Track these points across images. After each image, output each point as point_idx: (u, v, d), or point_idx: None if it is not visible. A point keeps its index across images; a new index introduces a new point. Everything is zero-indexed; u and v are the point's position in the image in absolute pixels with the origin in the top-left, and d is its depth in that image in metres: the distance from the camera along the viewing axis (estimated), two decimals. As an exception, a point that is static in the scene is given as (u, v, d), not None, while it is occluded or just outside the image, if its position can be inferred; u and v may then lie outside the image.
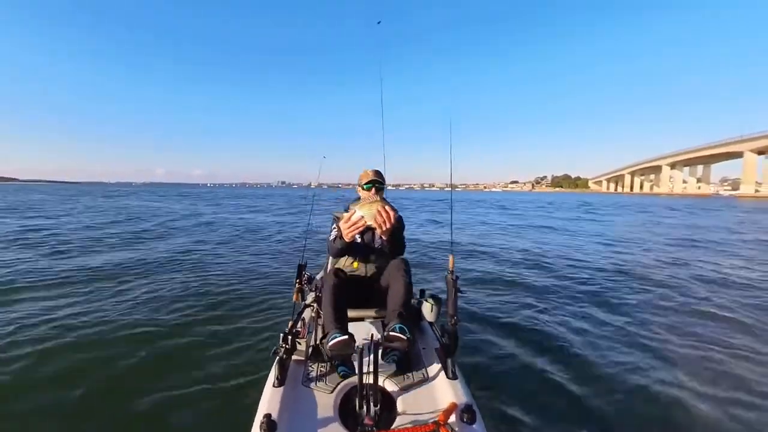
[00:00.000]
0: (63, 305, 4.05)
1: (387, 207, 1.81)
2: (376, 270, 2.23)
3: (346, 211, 2.07)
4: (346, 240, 1.95)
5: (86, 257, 6.80)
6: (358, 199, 2.19)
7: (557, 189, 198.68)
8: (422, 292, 2.34)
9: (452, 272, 1.96)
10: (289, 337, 1.76)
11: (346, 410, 1.57)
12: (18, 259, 6.46)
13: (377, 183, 2.28)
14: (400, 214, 1.95)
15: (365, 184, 2.29)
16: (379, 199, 1.93)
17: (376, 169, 2.36)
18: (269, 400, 1.53)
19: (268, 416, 1.36)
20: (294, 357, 1.80)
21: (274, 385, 1.61)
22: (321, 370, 1.76)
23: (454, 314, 1.84)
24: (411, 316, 2.00)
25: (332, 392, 1.62)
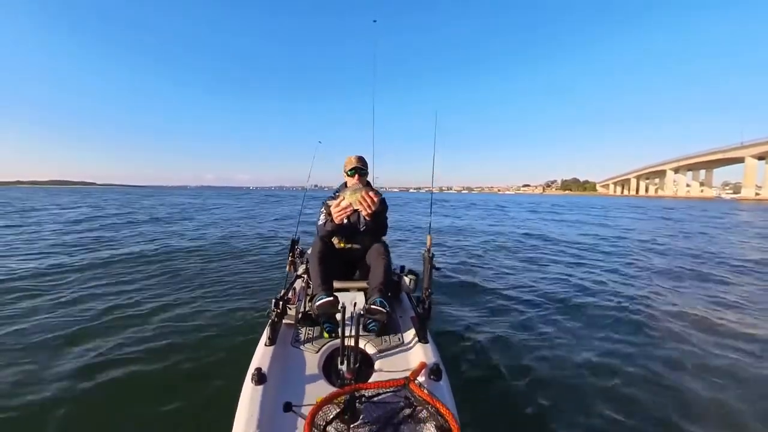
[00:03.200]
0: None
1: (371, 193, 2.01)
2: (360, 247, 2.45)
3: (335, 197, 2.31)
4: (336, 223, 2.16)
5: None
6: (345, 184, 2.40)
7: (566, 192, 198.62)
8: (402, 267, 2.57)
9: (429, 250, 2.19)
10: (281, 302, 1.97)
11: (329, 367, 1.77)
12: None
13: (359, 169, 2.47)
14: (384, 196, 2.15)
15: (349, 170, 2.48)
16: (362, 185, 2.13)
17: (360, 155, 2.55)
18: (261, 356, 1.73)
19: (258, 369, 1.55)
20: (285, 321, 2.00)
21: (266, 344, 1.81)
22: (309, 334, 1.97)
23: (428, 287, 2.06)
24: (391, 289, 2.22)
25: (318, 352, 1.83)
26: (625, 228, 13.14)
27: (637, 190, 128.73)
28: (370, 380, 1.65)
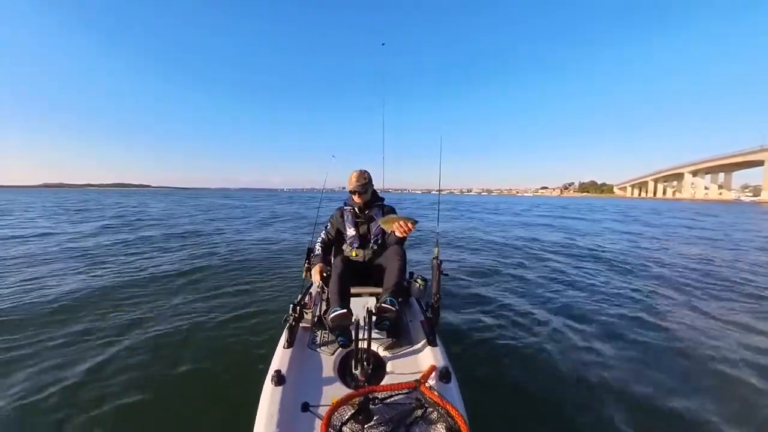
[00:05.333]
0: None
1: (402, 222, 2.19)
2: (372, 255, 2.56)
3: (345, 205, 2.63)
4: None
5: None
6: (352, 198, 2.61)
7: (584, 194, 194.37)
8: (411, 273, 2.67)
9: (437, 257, 2.28)
10: (298, 307, 2.07)
11: (344, 369, 1.85)
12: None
13: (358, 192, 2.55)
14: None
15: (349, 190, 2.59)
16: (395, 216, 2.32)
17: (362, 170, 2.63)
18: (280, 358, 1.82)
19: (278, 371, 1.65)
20: (302, 324, 2.10)
21: (284, 347, 1.91)
22: (324, 337, 2.06)
23: (437, 292, 2.15)
24: (401, 292, 2.31)
25: (333, 354, 1.92)
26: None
27: (655, 193, 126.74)
28: (383, 383, 1.72)
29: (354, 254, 2.59)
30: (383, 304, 2.03)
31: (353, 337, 1.82)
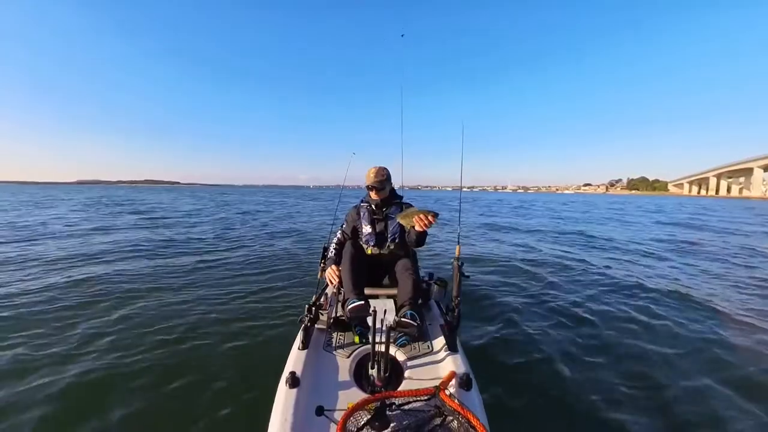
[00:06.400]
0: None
1: (422, 215, 2.08)
2: (389, 254, 2.48)
3: (362, 202, 2.60)
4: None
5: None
6: (368, 194, 2.57)
7: (633, 192, 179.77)
8: (431, 275, 2.57)
9: (458, 259, 2.17)
10: (314, 308, 2.04)
11: (360, 373, 1.80)
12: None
13: (375, 188, 2.52)
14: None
15: (366, 186, 2.56)
16: (414, 209, 2.20)
17: (381, 166, 2.58)
18: (295, 360, 1.80)
19: (293, 373, 1.62)
20: (317, 326, 2.07)
21: (299, 348, 1.88)
22: (340, 339, 2.02)
23: (458, 295, 2.05)
24: (420, 297, 2.23)
25: (349, 357, 1.87)
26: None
27: (717, 190, 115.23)
28: (401, 388, 1.66)
29: (370, 252, 2.53)
30: (403, 318, 1.97)
31: (371, 334, 1.76)
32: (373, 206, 2.57)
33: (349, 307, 1.95)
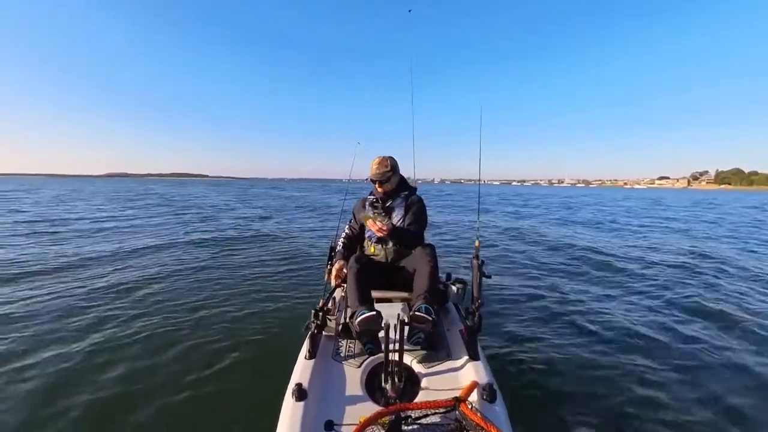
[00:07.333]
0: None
1: (378, 223, 2.10)
2: (395, 254, 2.34)
3: (370, 195, 2.51)
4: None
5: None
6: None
7: (722, 186, 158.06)
8: (449, 275, 2.43)
9: (477, 256, 2.03)
10: (320, 314, 1.90)
11: (372, 384, 1.66)
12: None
13: (378, 180, 2.41)
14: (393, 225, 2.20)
15: (371, 179, 2.44)
16: (371, 215, 2.20)
17: (386, 156, 2.45)
18: (301, 370, 1.66)
19: (299, 385, 1.49)
20: (325, 333, 1.93)
21: (306, 357, 1.74)
22: (350, 347, 1.88)
23: (479, 297, 1.90)
24: (437, 297, 2.07)
25: (360, 367, 1.73)
26: None
27: None
28: (417, 400, 1.53)
29: (372, 250, 2.39)
30: (417, 312, 1.81)
31: (383, 346, 1.62)
32: (379, 200, 2.45)
33: (359, 318, 1.78)
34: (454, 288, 2.23)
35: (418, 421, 1.35)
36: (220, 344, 3.07)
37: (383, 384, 1.58)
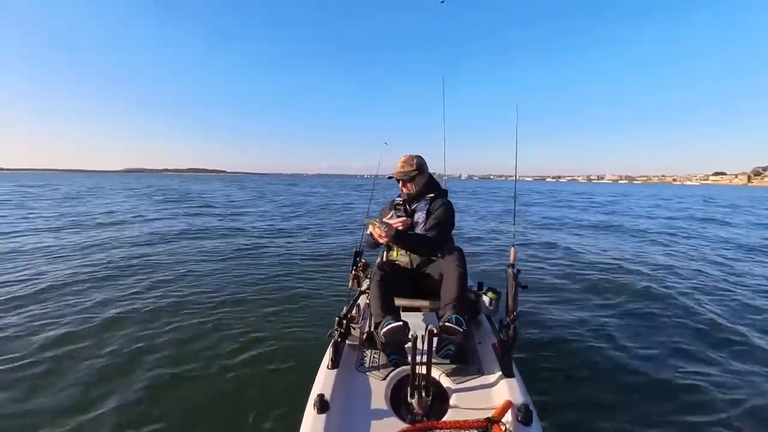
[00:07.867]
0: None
1: (377, 229, 2.01)
2: (421, 260, 2.23)
3: (398, 204, 2.39)
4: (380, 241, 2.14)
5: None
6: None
7: None
8: (480, 284, 2.28)
9: (513, 265, 1.88)
10: (344, 321, 1.83)
11: (397, 398, 1.57)
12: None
13: (401, 179, 2.31)
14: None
15: (395, 178, 2.35)
16: (376, 221, 2.07)
17: (412, 155, 2.34)
18: (323, 381, 1.60)
19: (321, 396, 1.42)
20: (348, 342, 1.86)
21: (328, 367, 1.68)
22: (374, 357, 1.80)
23: (514, 309, 1.75)
24: (467, 308, 1.94)
25: (385, 379, 1.64)
26: None
27: None
28: (445, 418, 1.43)
29: (396, 255, 2.29)
30: (447, 323, 1.69)
31: (410, 358, 1.53)
32: (404, 201, 2.36)
33: (384, 329, 1.68)
34: (486, 298, 2.07)
35: None
36: (238, 350, 2.99)
37: (409, 399, 1.49)
